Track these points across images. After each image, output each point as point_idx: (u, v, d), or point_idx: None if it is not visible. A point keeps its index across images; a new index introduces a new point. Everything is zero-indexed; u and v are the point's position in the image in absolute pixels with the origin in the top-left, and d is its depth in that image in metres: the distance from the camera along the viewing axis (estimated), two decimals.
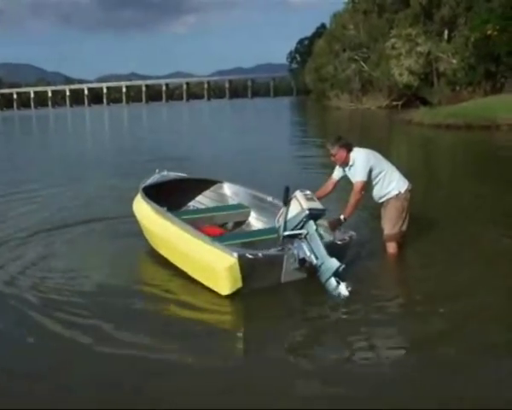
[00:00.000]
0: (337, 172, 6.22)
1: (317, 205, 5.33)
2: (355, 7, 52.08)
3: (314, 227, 5.22)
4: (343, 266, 4.98)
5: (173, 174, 7.95)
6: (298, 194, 5.39)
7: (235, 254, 4.96)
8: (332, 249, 5.16)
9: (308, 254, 5.14)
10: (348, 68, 50.35)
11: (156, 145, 21.71)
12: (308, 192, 5.46)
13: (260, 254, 5.08)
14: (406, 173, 6.45)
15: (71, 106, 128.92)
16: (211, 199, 7.90)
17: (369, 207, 7.12)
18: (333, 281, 4.94)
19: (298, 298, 5.35)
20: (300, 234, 5.25)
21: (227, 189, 7.84)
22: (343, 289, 4.88)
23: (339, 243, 5.51)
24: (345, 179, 6.20)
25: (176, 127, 38.67)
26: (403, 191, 6.10)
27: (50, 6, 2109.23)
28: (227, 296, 5.05)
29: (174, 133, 30.74)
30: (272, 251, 5.40)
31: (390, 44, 42.13)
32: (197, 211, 7.43)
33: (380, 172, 6.05)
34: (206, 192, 7.96)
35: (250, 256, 5.00)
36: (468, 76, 34.90)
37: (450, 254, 6.19)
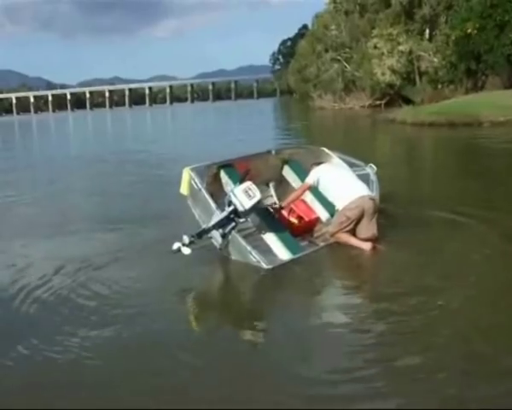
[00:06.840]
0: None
1: (241, 199, 5.83)
2: (336, 7, 52.22)
3: (228, 209, 5.92)
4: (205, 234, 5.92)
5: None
6: (246, 184, 5.96)
7: (188, 168, 6.40)
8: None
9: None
10: (331, 69, 50.41)
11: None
12: (252, 188, 5.93)
13: (202, 189, 6.25)
14: (389, 169, 6.49)
15: (53, 111, 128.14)
16: None
17: None
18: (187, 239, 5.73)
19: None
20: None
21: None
22: (186, 250, 5.67)
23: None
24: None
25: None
26: (348, 205, 6.32)
27: (30, 11, 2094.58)
28: None
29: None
30: (213, 203, 6.20)
31: (372, 44, 42.38)
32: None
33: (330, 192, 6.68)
34: None
35: (195, 185, 6.29)
36: (449, 74, 35.17)
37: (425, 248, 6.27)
